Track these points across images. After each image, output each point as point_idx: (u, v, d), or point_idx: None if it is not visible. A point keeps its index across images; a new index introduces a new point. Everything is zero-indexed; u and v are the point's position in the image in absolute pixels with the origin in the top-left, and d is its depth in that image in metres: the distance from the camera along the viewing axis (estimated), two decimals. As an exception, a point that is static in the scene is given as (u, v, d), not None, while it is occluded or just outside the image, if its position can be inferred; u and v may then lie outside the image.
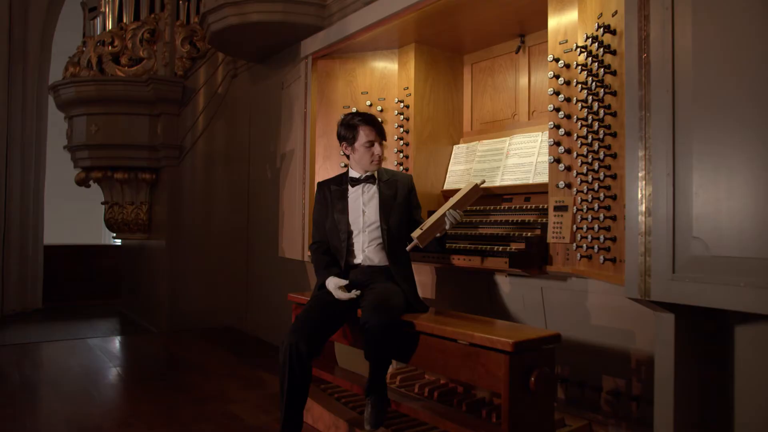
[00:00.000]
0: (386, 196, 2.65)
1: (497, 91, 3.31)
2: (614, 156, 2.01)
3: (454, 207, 2.50)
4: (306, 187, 3.56)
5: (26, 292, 7.11)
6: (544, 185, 2.79)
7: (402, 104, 3.34)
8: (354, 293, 2.51)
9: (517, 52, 3.13)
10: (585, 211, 2.19)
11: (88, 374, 3.96)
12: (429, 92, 3.35)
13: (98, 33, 6.15)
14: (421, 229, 2.49)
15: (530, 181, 2.89)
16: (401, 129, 3.34)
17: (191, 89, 5.80)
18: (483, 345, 1.99)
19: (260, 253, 5.32)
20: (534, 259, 2.48)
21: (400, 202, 2.66)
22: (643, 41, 1.73)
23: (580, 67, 2.29)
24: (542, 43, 3.00)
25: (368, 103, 3.47)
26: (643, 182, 1.74)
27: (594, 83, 2.13)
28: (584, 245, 2.20)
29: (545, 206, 2.72)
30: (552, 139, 2.46)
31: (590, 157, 2.16)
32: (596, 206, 2.08)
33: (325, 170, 3.52)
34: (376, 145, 2.63)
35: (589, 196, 2.16)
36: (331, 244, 2.69)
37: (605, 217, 2.03)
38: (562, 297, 2.59)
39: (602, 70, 2.05)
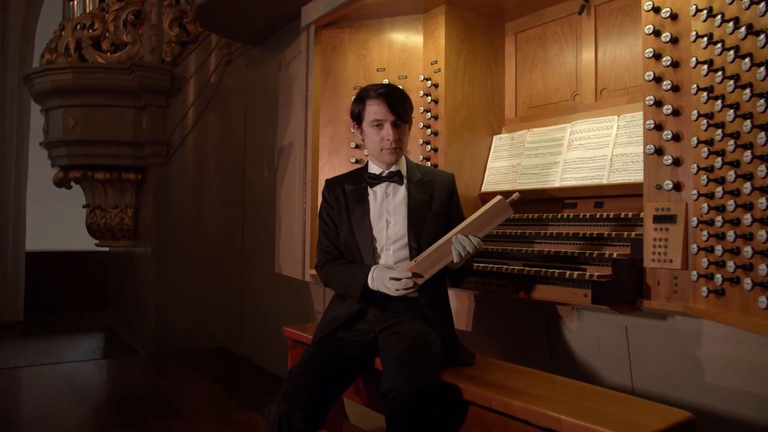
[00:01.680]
0: (418, 201, 1.92)
1: (550, 65, 2.59)
2: (781, 141, 1.29)
3: (465, 231, 1.79)
4: (307, 188, 2.85)
5: (6, 304, 6.50)
6: (624, 186, 2.10)
7: (429, 83, 2.63)
8: (406, 276, 1.77)
9: (580, 13, 2.41)
10: (719, 224, 1.47)
11: (42, 419, 3.23)
12: (463, 68, 2.63)
13: (78, 15, 5.47)
14: (416, 261, 1.78)
15: (604, 181, 2.17)
16: (428, 114, 2.63)
17: (180, 78, 5.11)
18: (578, 438, 1.27)
19: (257, 263, 4.61)
20: (625, 290, 1.75)
21: (437, 210, 1.93)
22: None
23: (703, 12, 1.57)
24: (615, -1, 2.30)
25: (386, 82, 2.75)
26: None
27: (739, 30, 1.40)
28: (718, 275, 1.47)
29: (627, 215, 2.01)
30: (651, 121, 1.74)
31: (730, 143, 1.43)
32: (747, 219, 1.36)
33: (331, 167, 2.81)
34: (387, 126, 1.88)
35: (730, 202, 1.43)
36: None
37: (768, 237, 1.30)
38: (659, 341, 1.87)
39: (762, 5, 1.32)
